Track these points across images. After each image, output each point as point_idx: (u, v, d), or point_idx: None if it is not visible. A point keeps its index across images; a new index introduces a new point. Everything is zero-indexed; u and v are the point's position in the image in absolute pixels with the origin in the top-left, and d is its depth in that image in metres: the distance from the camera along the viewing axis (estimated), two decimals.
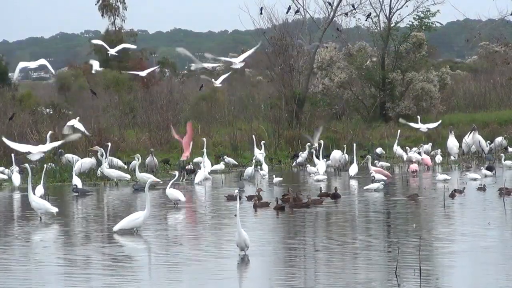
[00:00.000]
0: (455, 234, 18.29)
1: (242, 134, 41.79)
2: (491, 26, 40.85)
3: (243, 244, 15.63)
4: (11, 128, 37.01)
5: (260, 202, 23.44)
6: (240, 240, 15.61)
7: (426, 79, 48.35)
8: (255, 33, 50.17)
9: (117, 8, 75.69)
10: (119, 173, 31.24)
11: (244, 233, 15.61)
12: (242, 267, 15.19)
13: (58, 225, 21.17)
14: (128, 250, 17.56)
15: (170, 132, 38.58)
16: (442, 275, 14.12)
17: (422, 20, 49.02)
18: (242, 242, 15.61)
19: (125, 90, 57.74)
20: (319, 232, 19.48)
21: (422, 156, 34.44)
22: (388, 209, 22.78)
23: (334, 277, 14.02)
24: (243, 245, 15.65)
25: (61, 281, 14.54)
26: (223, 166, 35.45)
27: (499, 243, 17.07)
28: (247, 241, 15.62)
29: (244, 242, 15.60)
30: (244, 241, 15.59)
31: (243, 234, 15.59)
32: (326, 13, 47.99)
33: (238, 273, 14.85)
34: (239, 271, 14.97)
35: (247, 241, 15.62)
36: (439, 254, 15.82)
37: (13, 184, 30.48)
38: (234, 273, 14.84)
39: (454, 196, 24.32)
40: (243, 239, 15.58)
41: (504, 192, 24.03)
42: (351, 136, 41.34)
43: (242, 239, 15.58)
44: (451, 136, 37.30)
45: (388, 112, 48.14)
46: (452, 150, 36.97)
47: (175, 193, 24.02)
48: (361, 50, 49.39)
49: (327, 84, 48.65)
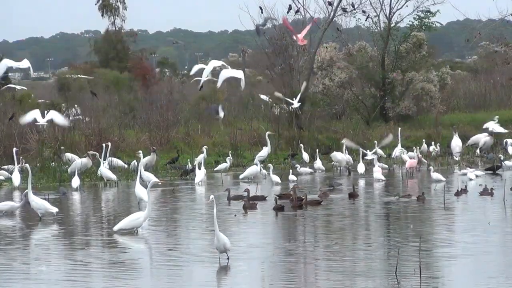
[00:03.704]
0: (455, 234, 18.30)
1: (242, 134, 41.79)
2: (491, 26, 40.77)
3: (222, 247, 15.39)
4: (11, 128, 36.98)
5: (249, 203, 23.32)
6: (219, 244, 15.39)
7: (426, 79, 48.31)
8: (255, 33, 50.13)
9: (117, 8, 75.63)
10: (109, 175, 31.14)
11: (222, 237, 15.40)
12: (242, 270, 15.19)
13: (58, 225, 21.17)
14: (128, 251, 17.55)
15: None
16: (442, 274, 14.13)
17: (422, 20, 48.97)
18: (221, 245, 15.38)
19: (125, 90, 57.71)
20: (319, 231, 19.48)
21: (414, 155, 34.61)
22: (388, 209, 22.77)
23: (334, 277, 14.02)
24: (222, 249, 15.41)
25: (61, 282, 14.53)
26: (228, 162, 35.37)
27: (499, 243, 17.07)
28: (227, 245, 15.39)
29: (224, 245, 15.38)
30: (223, 244, 15.37)
31: (221, 237, 15.39)
32: (326, 13, 48.01)
33: (237, 275, 14.85)
34: (238, 274, 14.97)
35: (227, 244, 15.39)
36: (439, 253, 15.82)
37: (13, 184, 30.44)
38: (232, 275, 14.84)
39: (459, 195, 24.40)
40: (222, 242, 15.36)
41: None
42: (351, 136, 41.34)
43: (221, 242, 15.36)
44: (455, 136, 37.56)
45: (388, 112, 48.11)
46: (454, 150, 37.15)
47: (141, 192, 23.47)
48: (361, 50, 49.36)
49: (327, 84, 48.62)
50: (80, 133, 37.32)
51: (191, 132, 41.57)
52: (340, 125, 44.81)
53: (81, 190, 28.98)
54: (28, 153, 35.21)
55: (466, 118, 48.15)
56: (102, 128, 37.82)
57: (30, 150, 35.74)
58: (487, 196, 24.45)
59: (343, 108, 49.27)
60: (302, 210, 22.68)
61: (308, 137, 41.78)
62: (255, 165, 32.10)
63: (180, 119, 43.45)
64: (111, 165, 33.05)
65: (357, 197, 24.95)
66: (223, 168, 34.51)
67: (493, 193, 24.53)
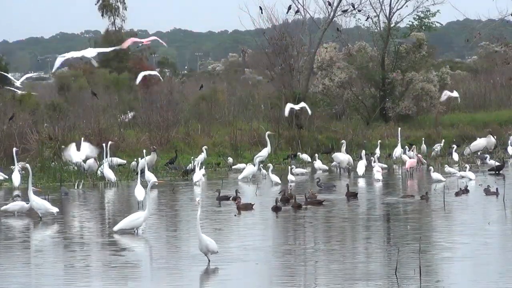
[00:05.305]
0: (455, 234, 18.29)
1: (242, 134, 41.78)
2: (491, 26, 40.77)
3: (205, 249, 15.27)
4: (11, 128, 36.98)
5: (243, 204, 23.29)
6: (201, 246, 15.28)
7: (426, 79, 48.32)
8: (255, 33, 50.17)
9: (117, 8, 75.64)
10: (110, 175, 31.23)
11: (205, 239, 15.26)
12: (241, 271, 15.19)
13: (58, 225, 21.17)
14: (128, 251, 17.55)
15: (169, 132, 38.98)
16: (442, 274, 14.13)
17: (422, 20, 49.01)
18: (204, 247, 15.25)
19: (125, 90, 57.68)
20: (319, 231, 19.48)
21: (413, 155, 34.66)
22: (387, 209, 22.77)
23: (334, 277, 14.02)
24: (205, 251, 15.29)
25: (61, 282, 14.53)
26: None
27: (499, 243, 17.07)
28: (209, 246, 15.23)
29: (206, 247, 15.24)
30: (205, 246, 15.24)
31: (204, 239, 15.26)
32: (326, 13, 48.02)
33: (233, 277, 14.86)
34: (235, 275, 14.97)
35: (209, 246, 15.23)
36: (439, 253, 15.82)
37: (13, 184, 30.43)
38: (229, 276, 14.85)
39: (459, 194, 24.41)
40: (204, 244, 15.24)
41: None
42: (351, 136, 41.35)
43: (203, 244, 15.25)
44: (490, 137, 38.35)
45: (388, 112, 48.12)
46: (477, 148, 38.03)
47: (137, 192, 23.91)
48: (361, 50, 49.37)
49: (327, 84, 48.62)
50: (80, 133, 37.31)
51: (191, 132, 41.56)
52: (340, 125, 44.80)
53: (79, 190, 28.99)
54: (28, 153, 35.21)
55: (466, 118, 48.17)
56: (102, 128, 37.81)
57: (30, 150, 35.73)
58: (492, 196, 24.44)
59: (343, 108, 49.27)
60: (304, 209, 22.68)
61: (308, 137, 41.77)
62: (253, 165, 32.09)
63: (180, 119, 43.43)
64: (111, 165, 33.05)
65: (354, 196, 24.91)
66: (248, 172, 31.96)
67: (498, 194, 24.46)
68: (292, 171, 30.77)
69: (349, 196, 25.00)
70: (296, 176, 31.43)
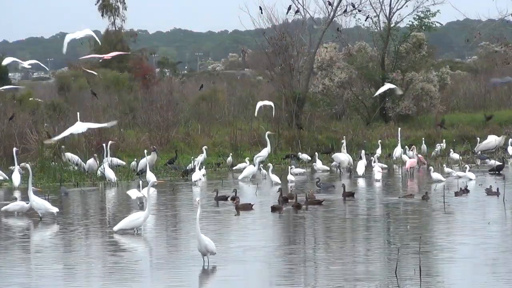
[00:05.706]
0: (455, 234, 18.29)
1: (242, 134, 41.78)
2: (491, 26, 40.79)
3: (204, 249, 15.22)
4: (11, 128, 36.98)
5: (242, 204, 23.26)
6: (200, 246, 15.25)
7: (426, 79, 48.32)
8: (255, 33, 50.17)
9: (117, 8, 75.63)
10: (111, 175, 31.25)
11: (204, 239, 15.23)
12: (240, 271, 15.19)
13: (58, 226, 21.16)
14: (128, 251, 17.55)
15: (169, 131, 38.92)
16: (442, 274, 14.13)
17: (422, 20, 49.01)
18: (203, 248, 15.22)
19: (125, 90, 57.66)
20: (319, 231, 19.48)
21: (413, 155, 34.68)
22: (387, 209, 22.76)
23: (334, 277, 14.02)
24: (204, 251, 15.25)
25: (61, 282, 14.53)
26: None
27: (499, 243, 17.06)
28: (208, 247, 15.19)
29: (205, 247, 15.20)
30: (204, 246, 15.20)
31: (203, 239, 15.22)
32: (326, 13, 48.02)
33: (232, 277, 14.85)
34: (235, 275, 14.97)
35: (208, 246, 15.19)
36: (439, 253, 15.82)
37: (13, 184, 30.42)
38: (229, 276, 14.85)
39: (459, 194, 24.41)
40: (203, 244, 15.20)
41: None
42: (351, 136, 41.35)
43: (202, 244, 15.21)
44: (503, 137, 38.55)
45: (388, 112, 48.13)
46: (487, 148, 38.17)
47: (131, 192, 24.09)
48: (361, 50, 49.37)
49: (327, 84, 48.63)
50: (80, 133, 37.27)
51: (191, 132, 41.57)
52: (340, 125, 44.80)
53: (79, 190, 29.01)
54: (28, 153, 35.21)
55: (466, 118, 48.17)
56: (102, 128, 37.76)
57: (30, 150, 35.73)
58: (493, 196, 24.42)
59: (343, 108, 49.29)
60: (304, 209, 22.68)
61: (308, 137, 41.77)
62: (253, 165, 32.09)
63: (180, 119, 43.43)
64: (111, 165, 33.05)
65: (351, 196, 24.88)
66: (248, 172, 32.04)
67: (499, 193, 24.45)
68: (291, 171, 30.76)
69: (345, 196, 24.96)
70: (296, 176, 31.42)
